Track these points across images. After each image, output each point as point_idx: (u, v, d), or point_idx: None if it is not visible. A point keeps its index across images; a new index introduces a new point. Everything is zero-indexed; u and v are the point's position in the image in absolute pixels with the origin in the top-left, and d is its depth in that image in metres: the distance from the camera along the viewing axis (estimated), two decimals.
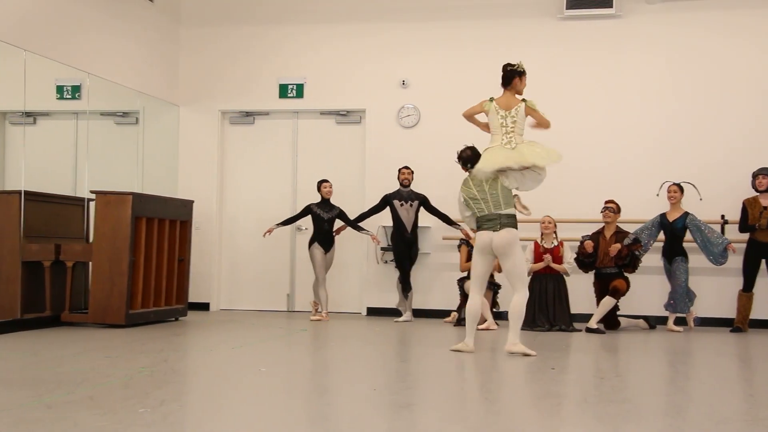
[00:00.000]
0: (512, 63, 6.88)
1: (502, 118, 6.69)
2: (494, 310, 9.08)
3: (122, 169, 9.96)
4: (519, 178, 6.56)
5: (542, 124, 6.89)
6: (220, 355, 6.50)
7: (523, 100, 6.79)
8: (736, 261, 8.97)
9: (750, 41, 9.56)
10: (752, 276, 8.87)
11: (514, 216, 6.63)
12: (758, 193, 8.88)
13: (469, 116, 7.02)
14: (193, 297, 10.06)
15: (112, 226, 8.21)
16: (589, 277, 9.06)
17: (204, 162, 10.74)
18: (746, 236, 8.93)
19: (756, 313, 9.01)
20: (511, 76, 6.80)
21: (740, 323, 8.90)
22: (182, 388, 5.05)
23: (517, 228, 6.61)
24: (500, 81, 6.85)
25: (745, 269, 8.90)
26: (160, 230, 8.87)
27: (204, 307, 10.53)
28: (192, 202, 9.57)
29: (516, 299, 6.51)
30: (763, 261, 8.84)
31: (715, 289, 9.34)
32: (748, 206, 8.88)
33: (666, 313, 9.07)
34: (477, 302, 6.69)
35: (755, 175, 8.90)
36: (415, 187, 9.69)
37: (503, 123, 6.67)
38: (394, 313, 9.85)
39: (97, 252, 8.22)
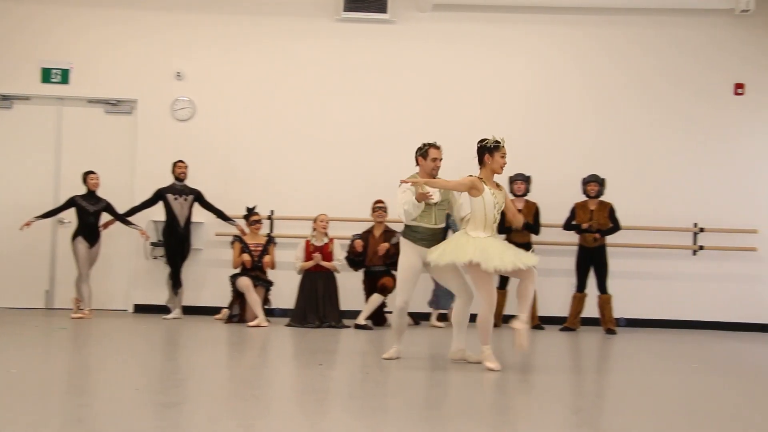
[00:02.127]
0: (485, 138, 6.13)
1: (496, 205, 5.99)
2: (266, 307, 9.09)
3: None
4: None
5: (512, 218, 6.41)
6: None
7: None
8: None
9: (511, 53, 10.25)
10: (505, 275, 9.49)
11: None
12: (514, 197, 9.51)
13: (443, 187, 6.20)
14: None
15: None
16: (359, 275, 9.30)
17: None
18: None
19: (508, 309, 9.64)
20: (481, 153, 6.11)
21: (494, 318, 9.51)
22: None
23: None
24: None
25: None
26: None
27: None
28: None
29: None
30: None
31: None
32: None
33: (429, 310, 9.52)
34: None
35: (512, 180, 9.46)
36: (189, 182, 9.48)
37: (495, 212, 6.01)
38: (164, 310, 9.57)
39: None
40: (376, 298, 8.91)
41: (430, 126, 10.08)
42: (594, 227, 9.20)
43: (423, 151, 6.38)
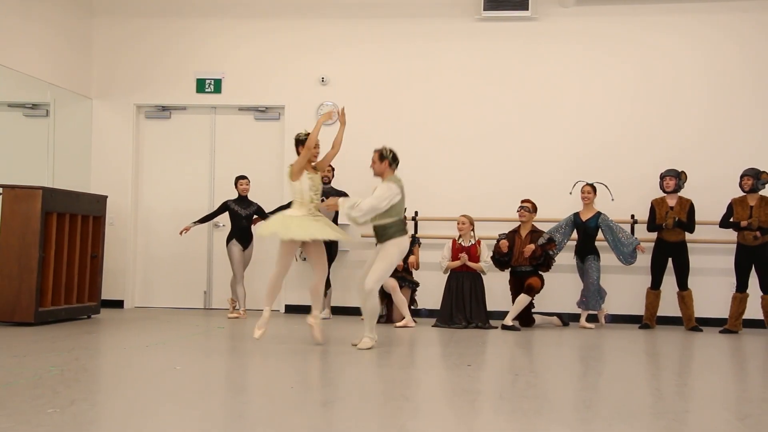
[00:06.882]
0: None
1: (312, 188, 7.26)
2: (412, 307, 9.14)
3: (31, 163, 9.63)
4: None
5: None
6: (133, 353, 6.35)
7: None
8: (645, 260, 9.26)
9: (660, 44, 9.87)
10: (659, 274, 9.17)
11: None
12: (665, 194, 9.19)
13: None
14: (107, 294, 9.82)
15: (20, 221, 7.95)
16: (505, 275, 9.21)
17: (118, 157, 10.49)
18: (654, 235, 9.24)
19: (663, 311, 9.32)
20: (296, 145, 7.39)
21: (648, 320, 9.20)
22: (94, 387, 4.92)
23: None
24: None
25: (653, 268, 9.20)
26: (71, 226, 8.62)
27: (118, 304, 10.29)
28: (105, 197, 9.33)
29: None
30: (670, 260, 9.14)
31: (625, 287, 9.62)
32: (656, 206, 9.19)
33: (578, 311, 9.30)
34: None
35: (662, 177, 9.20)
36: (335, 184, 9.68)
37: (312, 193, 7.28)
38: None
39: (5, 248, 7.94)
40: (523, 299, 8.79)
41: (576, 125, 9.88)
42: (754, 225, 8.69)
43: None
